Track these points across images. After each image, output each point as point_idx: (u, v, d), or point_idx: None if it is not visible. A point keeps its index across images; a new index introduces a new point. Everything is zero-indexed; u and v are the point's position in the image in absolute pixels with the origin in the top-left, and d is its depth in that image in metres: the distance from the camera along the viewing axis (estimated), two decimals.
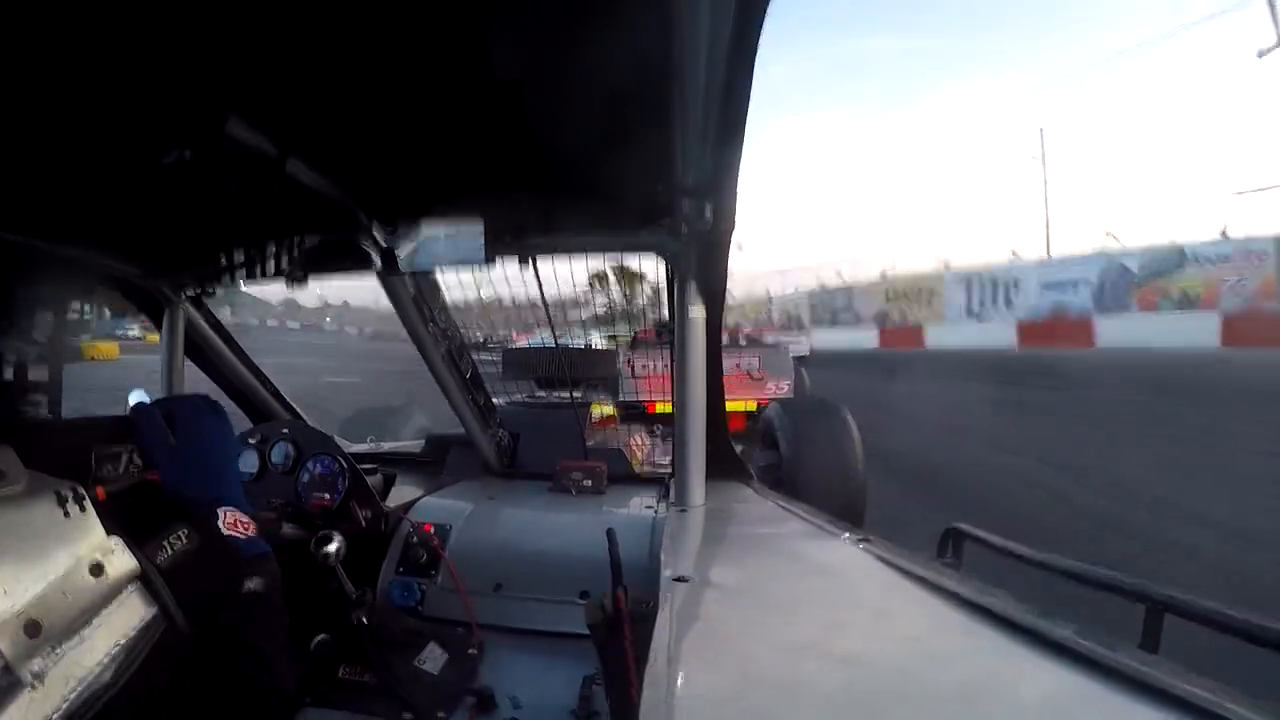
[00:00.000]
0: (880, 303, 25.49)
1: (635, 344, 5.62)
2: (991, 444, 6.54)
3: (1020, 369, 13.02)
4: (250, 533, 0.74)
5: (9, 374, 0.93)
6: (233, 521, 0.72)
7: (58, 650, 0.54)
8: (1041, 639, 0.55)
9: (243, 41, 0.69)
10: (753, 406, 5.96)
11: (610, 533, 0.88)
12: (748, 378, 6.48)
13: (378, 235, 1.07)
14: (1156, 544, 3.66)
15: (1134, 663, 0.48)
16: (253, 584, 0.71)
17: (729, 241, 1.15)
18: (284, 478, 1.38)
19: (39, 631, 0.53)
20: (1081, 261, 18.79)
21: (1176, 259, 16.53)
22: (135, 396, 1.40)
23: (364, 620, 1.17)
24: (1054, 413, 8.39)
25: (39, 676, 0.51)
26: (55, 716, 0.52)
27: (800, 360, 6.94)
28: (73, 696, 0.54)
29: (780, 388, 6.49)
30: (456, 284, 1.56)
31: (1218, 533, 3.76)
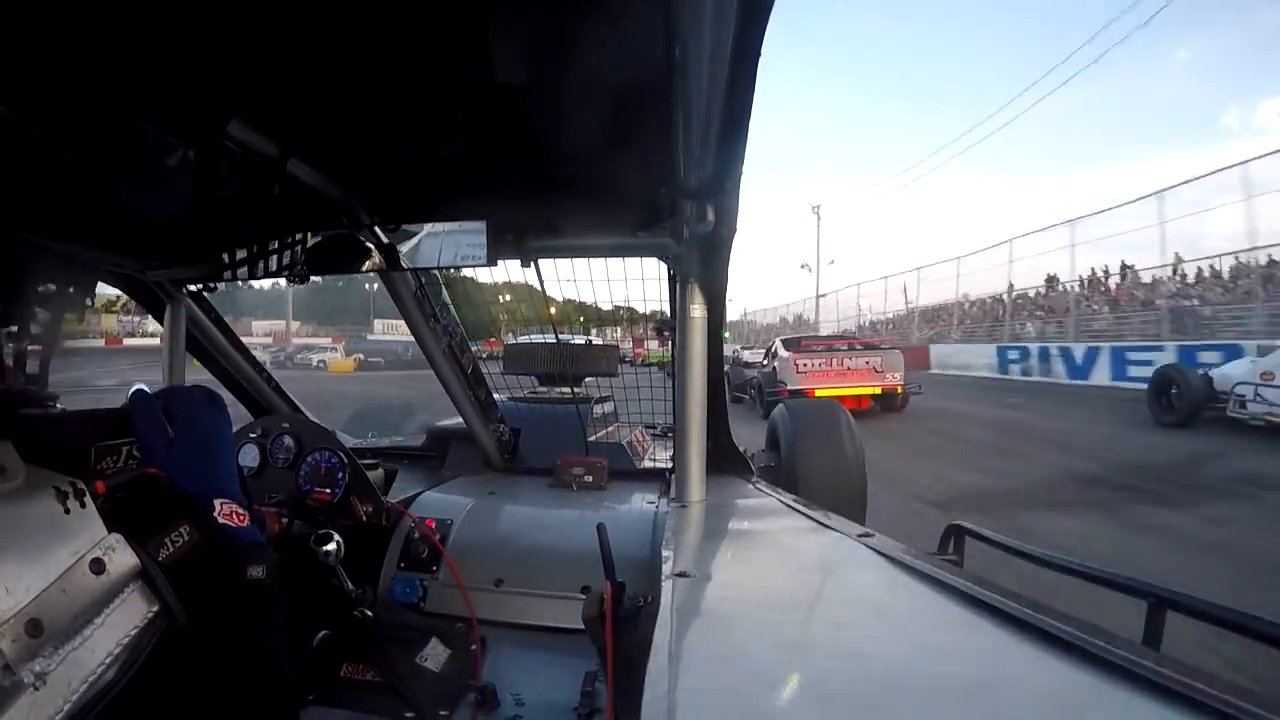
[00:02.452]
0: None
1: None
2: None
3: None
4: (244, 523, 0.74)
5: (8, 369, 0.93)
6: (228, 512, 0.72)
7: (60, 650, 0.54)
8: (1044, 635, 0.55)
9: (246, 42, 0.69)
10: (878, 390, 9.66)
11: (600, 528, 0.88)
12: (872, 371, 9.71)
13: (379, 234, 1.07)
14: None
15: (1137, 659, 0.48)
16: (255, 573, 0.71)
17: (730, 243, 1.15)
18: (285, 472, 1.38)
19: (41, 631, 0.53)
20: None
21: None
22: (134, 388, 1.39)
23: (366, 617, 1.17)
24: None
25: (41, 677, 0.51)
26: (58, 717, 0.52)
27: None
28: (75, 697, 0.53)
29: (895, 378, 9.71)
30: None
31: None
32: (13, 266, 0.92)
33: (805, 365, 9.74)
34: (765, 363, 11.07)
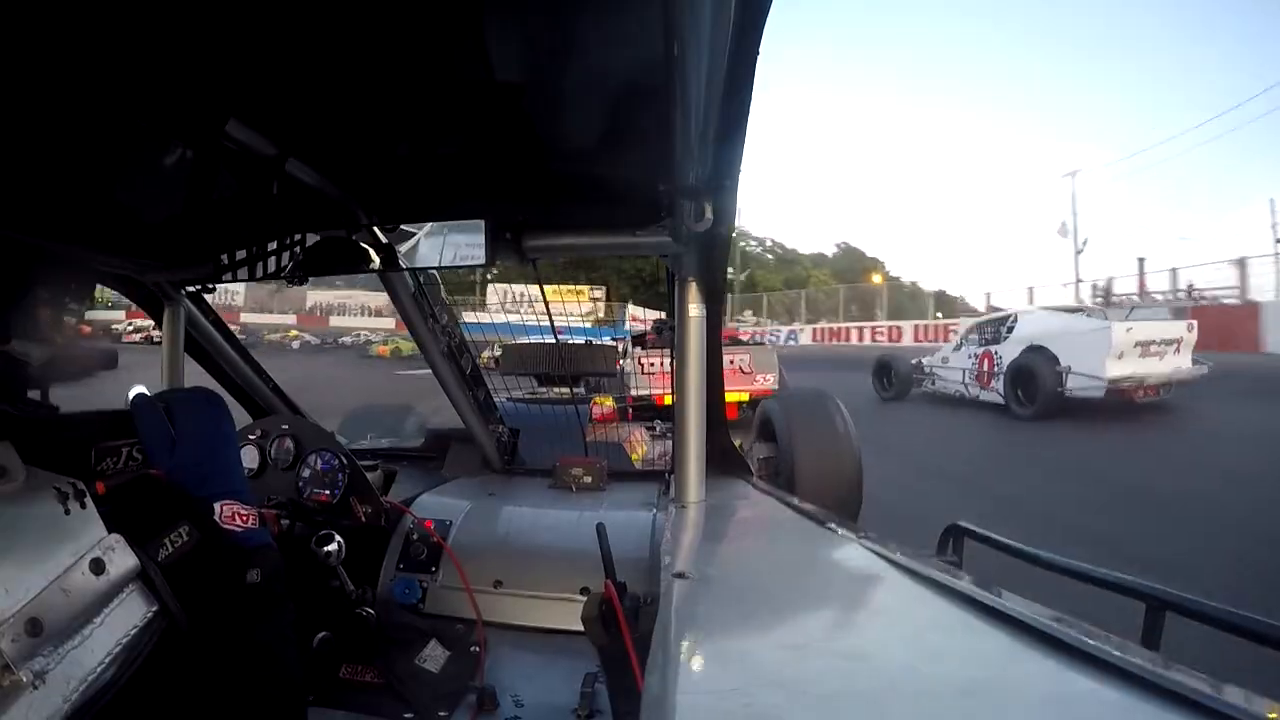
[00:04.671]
0: None
1: (646, 343, 7.44)
2: None
3: None
4: (250, 524, 0.74)
5: (7, 370, 0.93)
6: (230, 514, 0.72)
7: (59, 649, 0.54)
8: (1043, 636, 0.55)
9: (245, 42, 0.69)
10: (745, 398, 7.48)
11: (600, 528, 0.88)
12: (739, 373, 7.89)
13: (378, 234, 1.07)
14: None
15: (1137, 660, 0.48)
16: (253, 576, 0.71)
17: (729, 241, 1.15)
18: (284, 474, 1.38)
19: (40, 630, 0.53)
20: None
21: None
22: (135, 390, 1.39)
23: (367, 616, 1.17)
24: None
25: (40, 676, 0.51)
26: (57, 717, 0.52)
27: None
28: (75, 696, 0.53)
29: (767, 380, 8.01)
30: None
31: None
32: (8, 268, 0.92)
33: (654, 365, 7.42)
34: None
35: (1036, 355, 8.32)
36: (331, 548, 1.15)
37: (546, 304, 1.67)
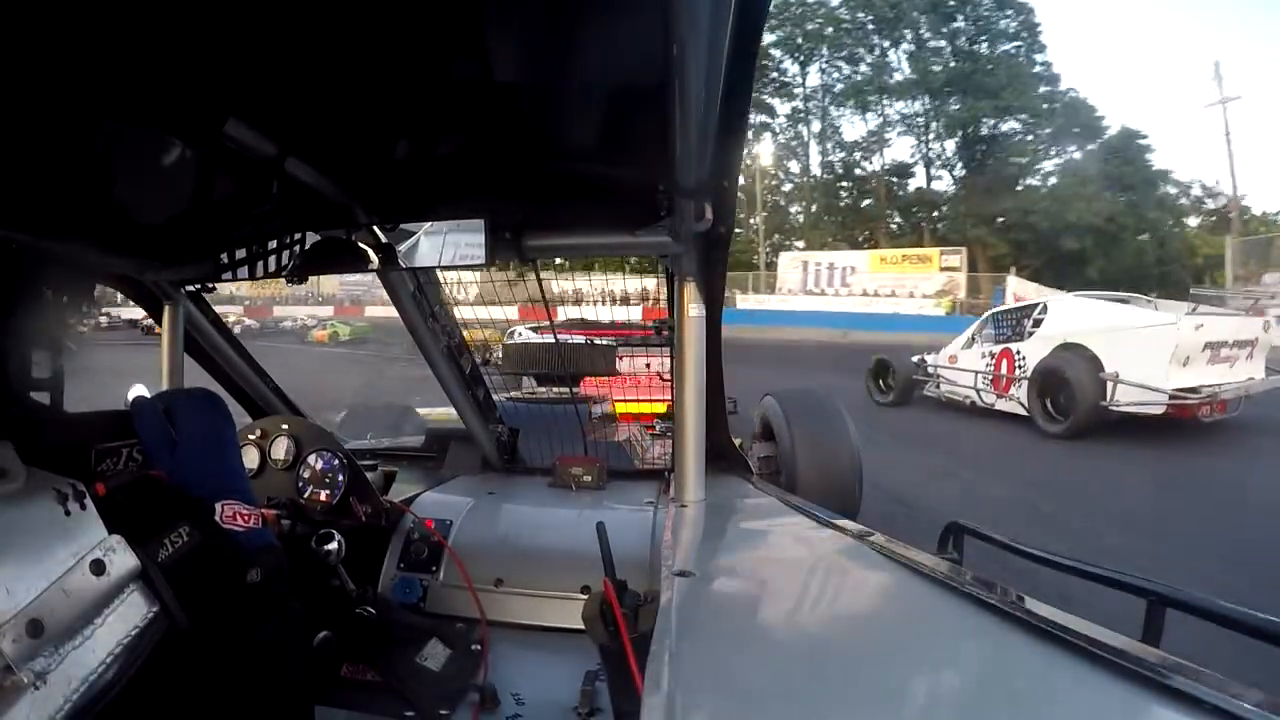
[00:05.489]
0: None
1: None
2: None
3: None
4: (251, 524, 0.74)
5: (8, 371, 0.93)
6: (231, 514, 0.72)
7: (60, 650, 0.54)
8: (1044, 633, 0.55)
9: (244, 42, 0.69)
10: (662, 409, 6.07)
11: (600, 527, 0.88)
12: (659, 379, 6.79)
13: (377, 233, 1.07)
14: None
15: (1138, 656, 0.48)
16: (254, 576, 0.71)
17: (729, 241, 1.15)
18: (283, 474, 1.38)
19: (41, 631, 0.53)
20: None
21: None
22: (134, 391, 1.40)
23: (368, 615, 1.17)
24: None
25: (41, 677, 0.51)
26: (58, 717, 0.52)
27: None
28: (75, 697, 0.54)
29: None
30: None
31: None
32: (8, 268, 0.92)
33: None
34: None
35: (1072, 356, 6.59)
36: (332, 547, 1.15)
37: (546, 304, 1.67)
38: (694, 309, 1.22)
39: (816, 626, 0.68)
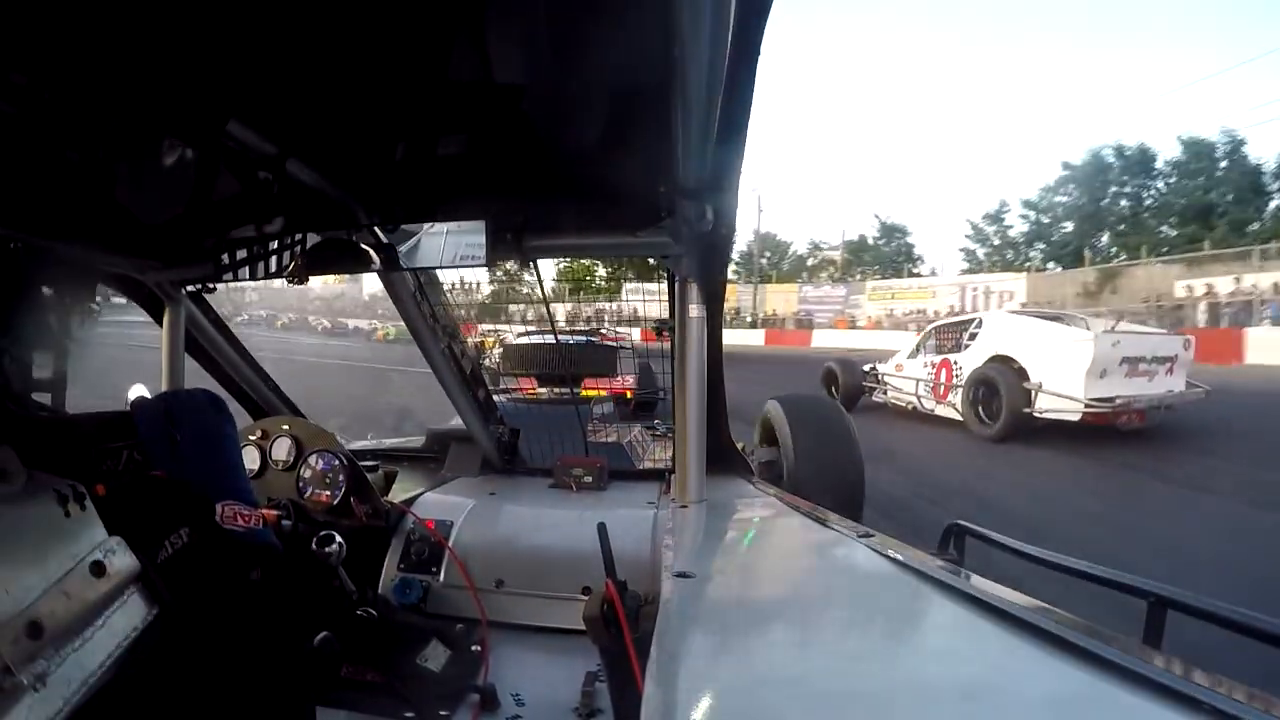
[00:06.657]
0: None
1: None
2: None
3: None
4: (251, 524, 0.74)
5: (9, 372, 0.93)
6: (232, 514, 0.72)
7: (60, 652, 0.54)
8: (1044, 635, 0.55)
9: (245, 42, 0.69)
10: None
11: (601, 527, 0.88)
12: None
13: (378, 233, 1.07)
14: None
15: (1139, 658, 0.48)
16: (254, 576, 0.71)
17: (730, 242, 1.15)
18: (284, 474, 1.38)
19: (41, 633, 0.53)
20: None
21: None
22: (135, 391, 1.40)
23: (369, 616, 1.17)
24: None
25: (41, 679, 0.51)
26: (58, 718, 0.52)
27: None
28: (75, 699, 0.53)
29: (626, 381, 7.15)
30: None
31: None
32: (9, 269, 0.92)
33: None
34: None
35: (1001, 367, 7.19)
36: (332, 548, 1.15)
37: (546, 304, 1.67)
38: (695, 310, 1.22)
39: (817, 627, 0.68)
